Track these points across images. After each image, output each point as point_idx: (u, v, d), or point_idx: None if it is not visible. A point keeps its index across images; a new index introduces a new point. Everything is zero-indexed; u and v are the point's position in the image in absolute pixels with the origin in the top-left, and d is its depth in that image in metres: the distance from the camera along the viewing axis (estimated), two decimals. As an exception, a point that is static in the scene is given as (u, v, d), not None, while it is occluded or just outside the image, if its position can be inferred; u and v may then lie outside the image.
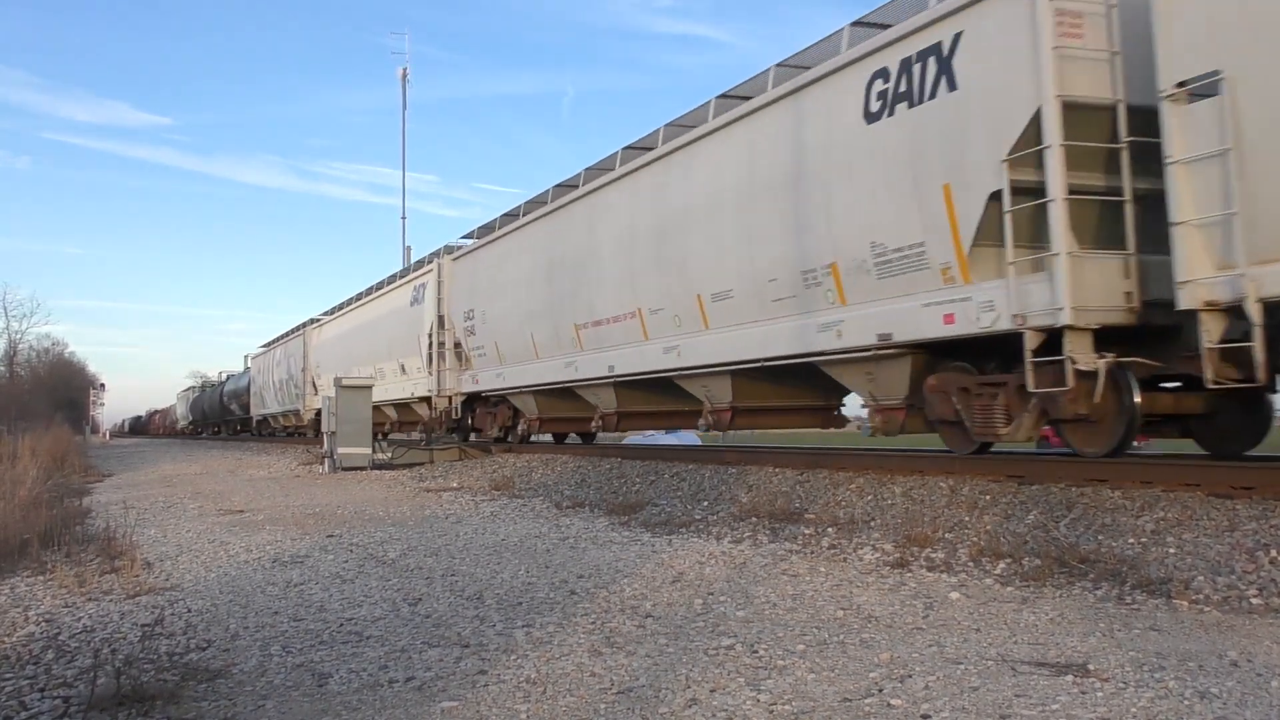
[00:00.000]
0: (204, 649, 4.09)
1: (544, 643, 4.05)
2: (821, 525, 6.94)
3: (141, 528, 8.53)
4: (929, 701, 3.14)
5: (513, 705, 3.23)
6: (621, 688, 3.39)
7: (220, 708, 3.29)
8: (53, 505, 9.77)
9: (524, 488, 11.46)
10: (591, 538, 7.25)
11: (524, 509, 9.45)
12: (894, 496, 7.34)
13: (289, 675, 3.67)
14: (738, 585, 5.20)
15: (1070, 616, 4.28)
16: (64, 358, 75.16)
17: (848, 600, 4.76)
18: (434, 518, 8.95)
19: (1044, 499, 6.40)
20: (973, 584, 5.07)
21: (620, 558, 6.23)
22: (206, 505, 11.04)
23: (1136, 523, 5.57)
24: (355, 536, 7.67)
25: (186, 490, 13.64)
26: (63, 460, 19.62)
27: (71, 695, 3.42)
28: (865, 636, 4.04)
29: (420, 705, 3.26)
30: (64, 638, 4.36)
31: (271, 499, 11.58)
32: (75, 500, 11.84)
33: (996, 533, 5.97)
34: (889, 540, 6.22)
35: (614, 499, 9.51)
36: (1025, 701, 3.10)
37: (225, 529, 8.50)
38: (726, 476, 9.35)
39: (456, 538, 7.44)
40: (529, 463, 13.47)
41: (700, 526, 7.54)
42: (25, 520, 7.68)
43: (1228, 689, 3.17)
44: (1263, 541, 4.90)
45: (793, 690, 3.31)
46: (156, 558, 6.80)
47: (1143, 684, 3.25)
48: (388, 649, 4.02)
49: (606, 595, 5.03)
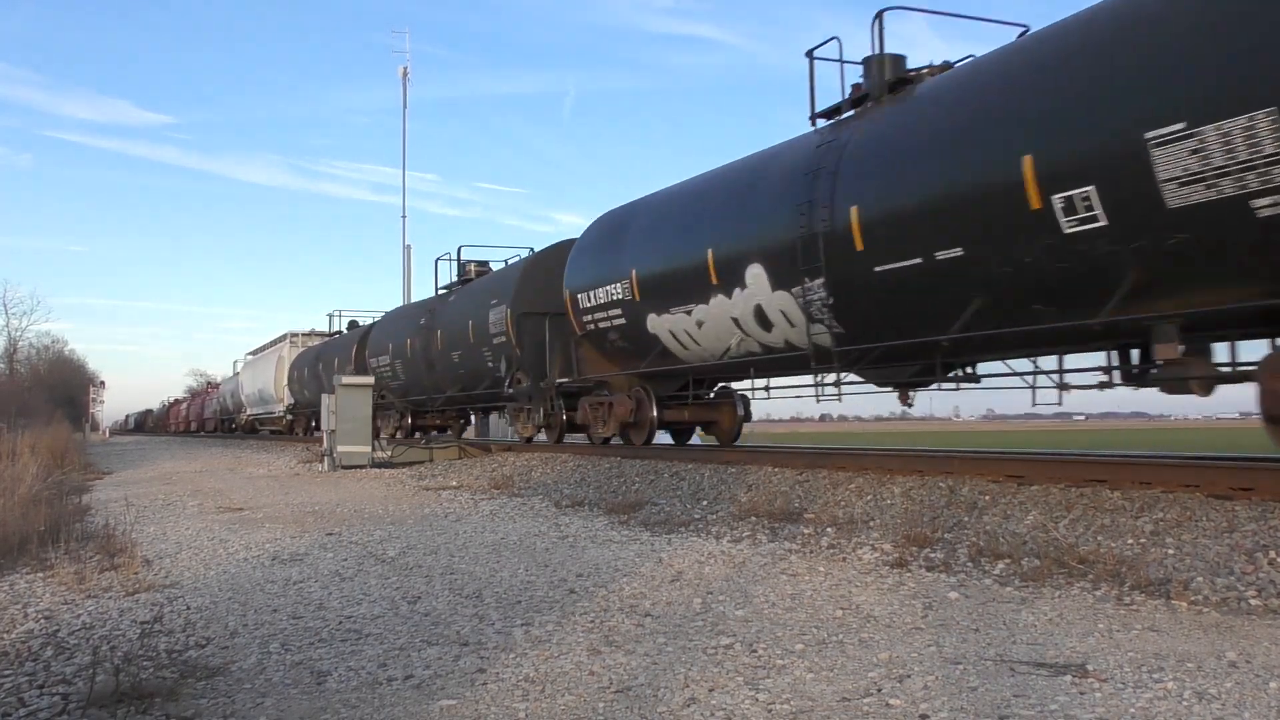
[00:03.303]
0: (203, 646, 4.09)
1: (543, 641, 4.05)
2: (821, 525, 6.94)
3: (141, 525, 8.53)
4: (928, 701, 3.14)
5: (511, 704, 3.23)
6: (620, 686, 3.39)
7: (219, 705, 3.29)
8: (52, 502, 9.76)
9: (523, 486, 11.45)
10: (591, 537, 7.25)
11: (523, 508, 9.45)
12: (893, 496, 7.34)
13: (288, 673, 3.67)
14: (737, 584, 5.20)
15: (1069, 617, 4.28)
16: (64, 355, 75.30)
17: (847, 600, 4.76)
18: (433, 516, 8.95)
19: (1043, 499, 6.40)
20: (972, 584, 5.07)
21: (619, 557, 6.23)
22: (206, 503, 11.04)
23: (1135, 523, 5.57)
24: (354, 535, 7.67)
25: (186, 488, 13.64)
26: (62, 458, 19.61)
27: (70, 692, 3.42)
28: (864, 636, 4.04)
29: (419, 703, 3.26)
30: (63, 634, 4.36)
31: (271, 497, 11.58)
32: (75, 497, 11.84)
33: (996, 533, 5.97)
34: (888, 540, 6.22)
35: (613, 498, 9.51)
36: (1024, 702, 3.10)
37: (225, 527, 8.50)
38: (726, 476, 9.36)
39: (456, 536, 7.44)
40: (528, 461, 13.47)
41: (699, 526, 7.54)
42: (25, 517, 7.68)
43: (1226, 690, 3.17)
44: (1261, 542, 4.90)
45: (791, 689, 3.31)
46: (156, 555, 6.80)
47: (1141, 684, 3.25)
48: (387, 647, 4.02)
49: (605, 594, 5.03)
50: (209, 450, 29.29)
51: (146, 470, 19.54)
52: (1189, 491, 5.92)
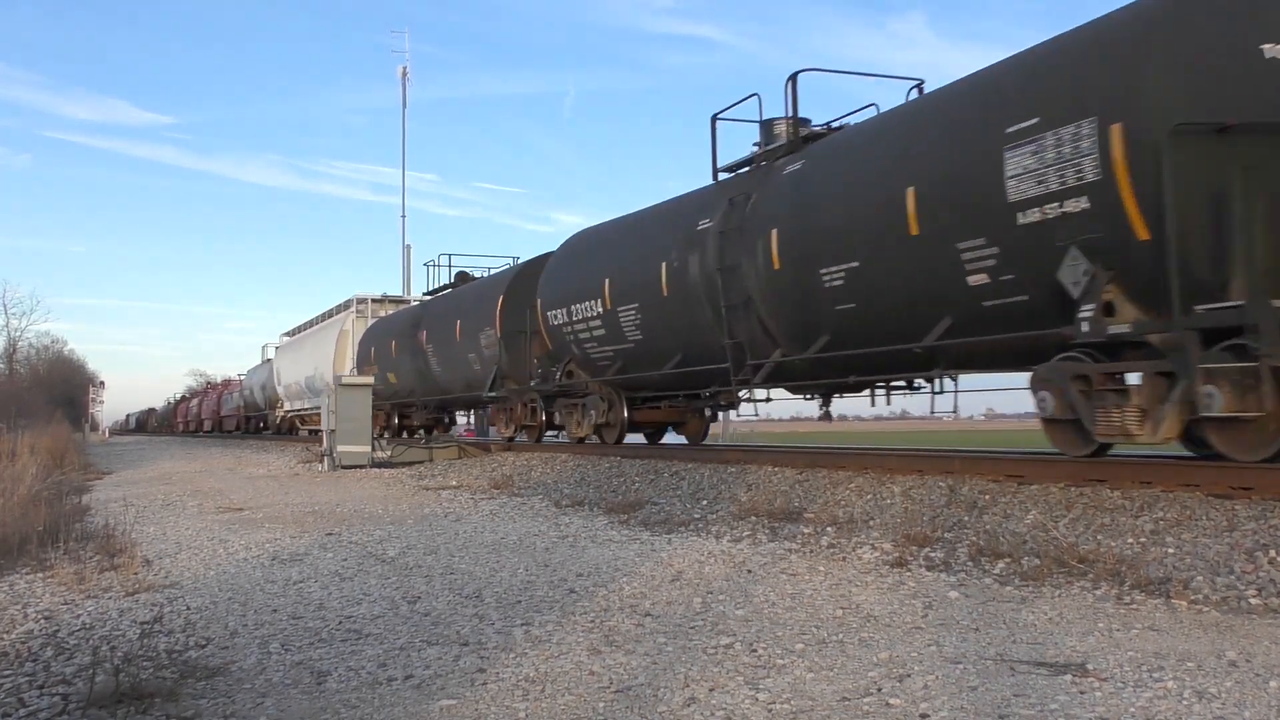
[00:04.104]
0: (203, 646, 4.09)
1: (543, 641, 4.05)
2: (821, 524, 6.94)
3: (141, 525, 8.53)
4: (927, 701, 3.14)
5: (511, 703, 3.23)
6: (620, 686, 3.39)
7: (219, 705, 3.29)
8: (52, 503, 9.76)
9: (523, 486, 11.45)
10: (591, 536, 7.25)
11: (523, 507, 9.45)
12: (893, 496, 7.34)
13: (288, 673, 3.67)
14: (737, 584, 5.20)
15: (1069, 616, 4.28)
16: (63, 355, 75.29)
17: (847, 599, 4.76)
18: (433, 516, 8.95)
19: (1043, 499, 6.40)
20: (972, 583, 5.07)
21: (619, 556, 6.23)
22: (206, 503, 11.04)
23: (1135, 523, 5.57)
24: (354, 534, 7.67)
25: (186, 488, 13.64)
26: (62, 458, 19.61)
27: (70, 692, 3.42)
28: (864, 635, 4.04)
29: (419, 703, 3.26)
30: (63, 635, 4.36)
31: (271, 497, 11.58)
32: (74, 498, 11.84)
33: (996, 532, 5.97)
34: (888, 539, 6.22)
35: (613, 497, 9.51)
36: (1024, 701, 3.10)
37: (224, 527, 8.50)
38: (726, 475, 9.36)
39: (455, 536, 7.44)
40: (528, 461, 13.48)
41: (699, 525, 7.54)
42: (24, 517, 7.68)
43: (1226, 689, 3.17)
44: (1262, 542, 4.90)
45: (791, 689, 3.31)
46: (156, 555, 6.80)
47: (1141, 684, 3.25)
48: (387, 647, 4.02)
49: (605, 594, 5.03)
50: (209, 450, 29.28)
51: (146, 470, 19.54)
52: (1189, 491, 5.92)
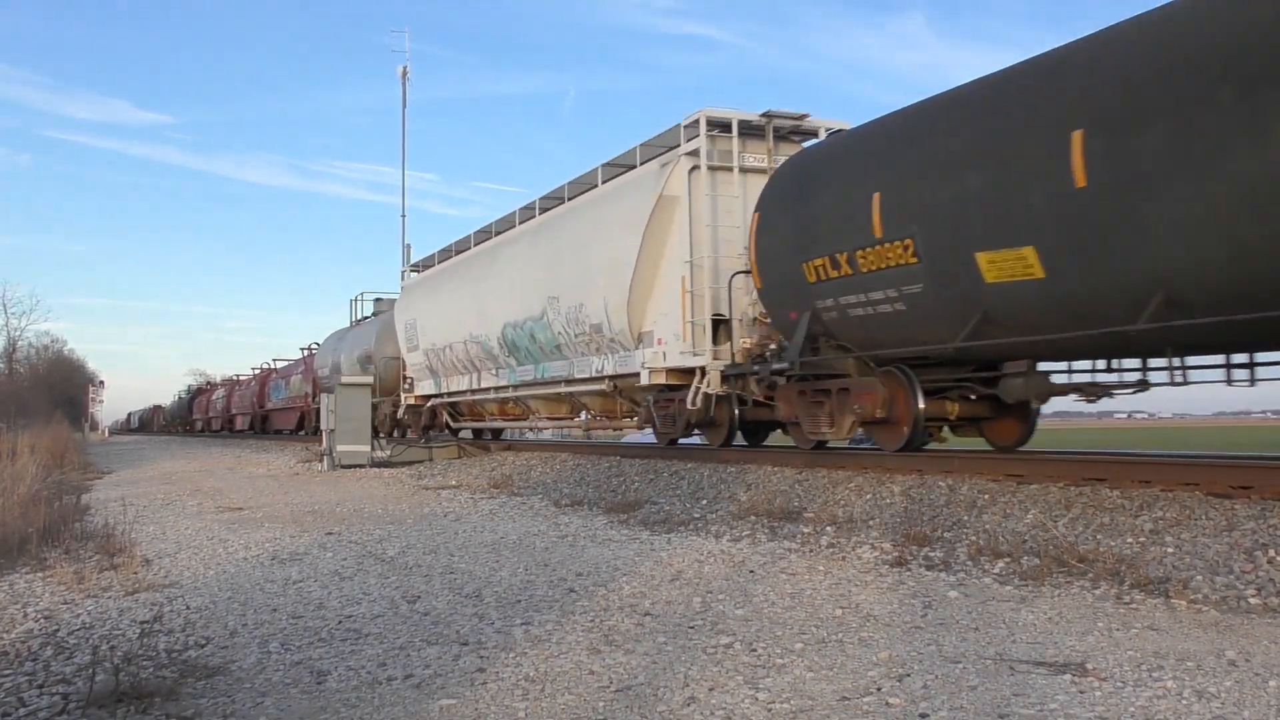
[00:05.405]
0: (203, 646, 4.09)
1: (542, 640, 4.05)
2: (820, 524, 6.94)
3: (140, 525, 8.53)
4: (927, 700, 3.14)
5: (511, 703, 3.23)
6: (620, 686, 3.39)
7: (219, 705, 3.29)
8: (51, 502, 9.75)
9: (523, 486, 11.46)
10: (590, 536, 7.25)
11: (523, 507, 9.45)
12: (892, 495, 7.34)
13: (288, 672, 3.67)
14: (736, 584, 5.20)
15: (1068, 615, 4.28)
16: (63, 355, 75.21)
17: (846, 599, 4.76)
18: (433, 515, 8.95)
19: (1043, 498, 6.40)
20: (971, 583, 5.07)
21: (619, 556, 6.23)
22: (205, 503, 11.04)
23: (1135, 522, 5.58)
24: (354, 534, 7.67)
25: (186, 487, 13.64)
26: (62, 457, 19.62)
27: (70, 692, 3.42)
28: (864, 635, 4.04)
29: (419, 703, 3.26)
30: (63, 634, 4.36)
31: (270, 496, 11.58)
32: (74, 497, 11.83)
33: (995, 532, 5.98)
34: (888, 539, 6.22)
35: (613, 497, 9.51)
36: (1023, 700, 3.11)
37: (224, 526, 8.50)
38: (725, 475, 9.36)
39: (455, 535, 7.44)
40: (528, 461, 13.48)
41: (699, 525, 7.55)
42: (24, 517, 7.67)
43: (1226, 688, 3.17)
44: (1261, 541, 4.91)
45: (791, 689, 3.31)
46: (155, 555, 6.80)
47: (1141, 683, 3.25)
48: (386, 646, 4.02)
49: (605, 593, 5.03)
50: (209, 450, 29.28)
51: (146, 470, 19.53)
52: (1188, 490, 5.92)
